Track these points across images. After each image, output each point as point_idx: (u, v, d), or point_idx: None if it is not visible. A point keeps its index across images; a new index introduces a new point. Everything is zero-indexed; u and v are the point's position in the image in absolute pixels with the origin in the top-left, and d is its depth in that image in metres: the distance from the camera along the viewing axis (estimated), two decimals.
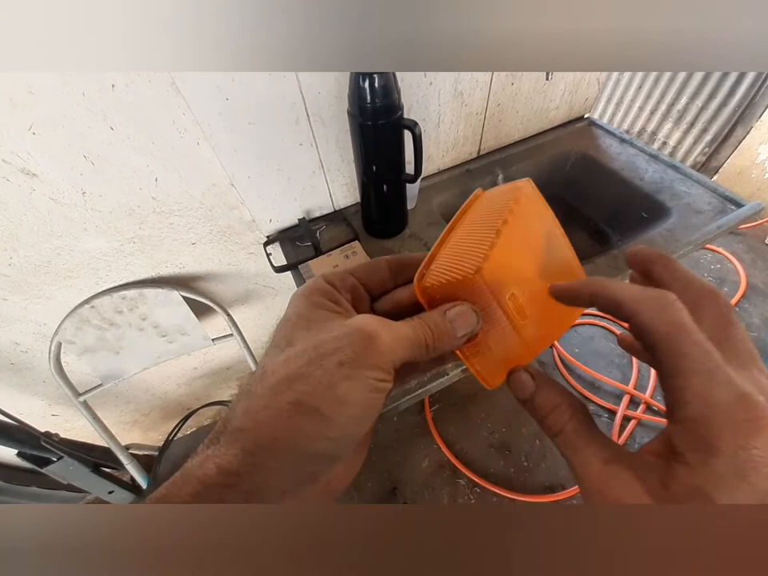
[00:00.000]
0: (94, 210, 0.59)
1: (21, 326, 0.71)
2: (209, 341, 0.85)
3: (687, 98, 1.50)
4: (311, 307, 0.18)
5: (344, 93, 0.55)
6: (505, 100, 0.79)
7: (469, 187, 0.84)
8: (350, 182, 0.75)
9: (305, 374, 0.15)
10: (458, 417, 1.25)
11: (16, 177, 0.51)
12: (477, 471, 1.13)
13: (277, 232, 0.76)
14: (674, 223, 0.69)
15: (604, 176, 0.85)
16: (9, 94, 0.45)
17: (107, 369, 0.80)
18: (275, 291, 0.93)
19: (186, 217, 0.67)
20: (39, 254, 0.61)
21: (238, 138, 0.58)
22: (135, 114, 0.51)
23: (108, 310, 0.73)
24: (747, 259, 1.52)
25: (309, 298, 0.19)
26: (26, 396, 0.85)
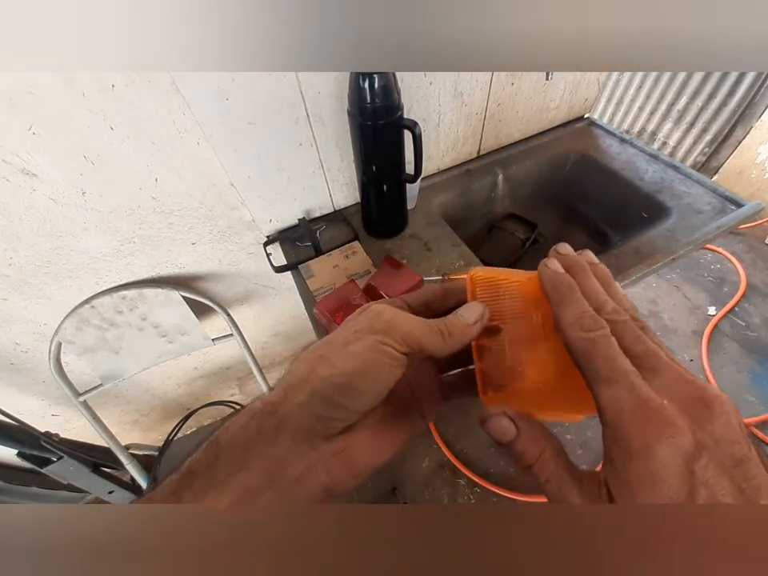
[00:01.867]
0: (94, 210, 0.59)
1: (21, 326, 0.71)
2: (209, 341, 0.85)
3: (687, 97, 1.50)
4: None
5: (344, 93, 0.55)
6: (505, 100, 0.79)
7: (469, 187, 0.84)
8: (350, 182, 0.75)
9: (330, 339, 0.20)
10: (458, 417, 1.25)
11: (16, 177, 0.51)
12: (477, 471, 1.13)
13: (277, 232, 0.76)
14: (673, 223, 0.69)
15: (604, 176, 0.85)
16: (9, 94, 0.45)
17: (107, 369, 0.80)
18: (275, 291, 0.93)
19: (186, 217, 0.67)
20: (39, 254, 0.61)
21: (238, 138, 0.58)
22: (135, 114, 0.51)
23: (108, 310, 0.73)
24: (747, 259, 1.52)
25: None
26: (26, 396, 0.85)
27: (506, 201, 0.91)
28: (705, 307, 1.42)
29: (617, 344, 0.16)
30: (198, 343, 0.84)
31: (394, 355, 0.18)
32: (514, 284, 0.21)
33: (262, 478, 0.17)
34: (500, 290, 0.22)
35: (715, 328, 1.35)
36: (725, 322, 1.37)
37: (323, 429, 0.18)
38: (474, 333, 0.20)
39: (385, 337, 0.18)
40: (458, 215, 0.82)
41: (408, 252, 0.69)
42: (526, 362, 0.21)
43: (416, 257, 0.68)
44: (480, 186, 0.86)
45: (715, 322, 1.36)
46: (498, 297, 0.21)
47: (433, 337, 0.19)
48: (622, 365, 0.16)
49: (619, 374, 0.16)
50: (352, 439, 0.19)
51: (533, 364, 0.20)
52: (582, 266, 0.20)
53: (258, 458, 0.17)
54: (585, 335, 0.17)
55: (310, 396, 0.17)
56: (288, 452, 0.17)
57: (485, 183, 0.86)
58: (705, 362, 1.27)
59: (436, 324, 0.20)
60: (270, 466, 0.17)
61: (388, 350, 0.18)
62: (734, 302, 1.40)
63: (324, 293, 0.62)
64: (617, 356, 0.16)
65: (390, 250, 0.70)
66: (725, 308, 1.38)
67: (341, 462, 0.18)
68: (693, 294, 1.46)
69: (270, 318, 1.00)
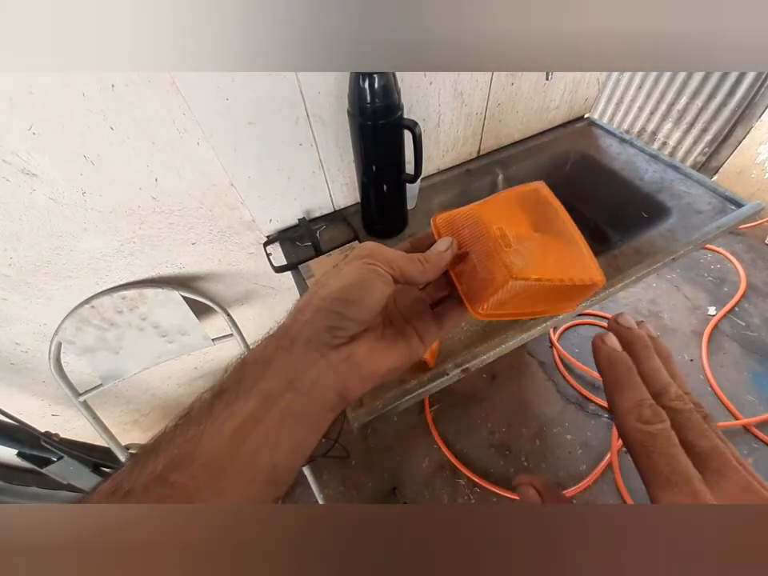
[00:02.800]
0: (94, 209, 0.59)
1: (21, 326, 0.71)
2: (209, 341, 0.84)
3: (687, 97, 1.50)
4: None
5: (344, 93, 0.55)
6: (505, 100, 0.79)
7: (469, 187, 0.84)
8: (350, 182, 0.75)
9: (328, 271, 0.23)
10: (458, 417, 1.25)
11: (16, 177, 0.51)
12: (477, 471, 1.13)
13: (277, 232, 0.76)
14: (673, 223, 0.69)
15: (604, 176, 0.85)
16: (9, 94, 0.45)
17: (107, 369, 0.80)
18: (275, 291, 0.93)
19: (186, 217, 0.67)
20: (39, 254, 0.61)
21: (238, 137, 0.58)
22: (135, 114, 0.51)
23: (108, 310, 0.73)
24: (747, 259, 1.52)
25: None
26: (26, 396, 0.85)
27: None
28: (705, 307, 1.42)
29: (677, 440, 0.15)
30: (198, 343, 0.84)
31: (380, 272, 0.21)
32: (469, 212, 0.25)
33: (282, 383, 0.19)
34: (458, 222, 0.26)
35: (715, 328, 1.35)
36: (725, 322, 1.37)
37: (330, 338, 0.20)
38: (447, 257, 0.24)
39: (370, 259, 0.22)
40: None
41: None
42: (494, 268, 0.22)
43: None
44: (480, 186, 0.86)
45: (715, 322, 1.36)
46: (459, 228, 0.25)
47: (412, 264, 0.23)
48: (685, 467, 0.15)
49: (681, 478, 0.14)
50: (355, 348, 0.21)
51: (500, 268, 0.22)
52: (645, 343, 0.19)
53: (277, 368, 0.19)
54: (643, 427, 0.16)
55: (314, 312, 0.20)
56: (302, 360, 0.20)
57: (485, 183, 0.86)
58: (705, 362, 1.27)
59: (414, 255, 0.23)
60: (288, 372, 0.19)
61: (374, 268, 0.21)
62: (734, 302, 1.40)
63: None
64: (679, 455, 0.15)
65: None
66: (725, 308, 1.38)
67: (348, 367, 0.21)
68: (693, 293, 1.46)
69: (269, 318, 1.00)
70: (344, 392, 0.21)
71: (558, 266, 0.23)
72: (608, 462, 1.10)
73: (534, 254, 0.23)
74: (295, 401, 0.19)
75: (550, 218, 0.25)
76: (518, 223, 0.24)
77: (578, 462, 1.13)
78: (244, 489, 0.17)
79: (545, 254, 0.23)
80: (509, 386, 1.31)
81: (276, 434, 0.18)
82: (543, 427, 1.20)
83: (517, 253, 0.22)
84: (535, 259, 0.22)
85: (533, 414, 1.24)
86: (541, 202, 0.26)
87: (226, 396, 0.19)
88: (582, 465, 1.12)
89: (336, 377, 0.20)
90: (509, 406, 1.26)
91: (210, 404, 0.18)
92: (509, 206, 0.25)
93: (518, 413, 1.24)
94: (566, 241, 0.24)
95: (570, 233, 0.25)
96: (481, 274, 0.23)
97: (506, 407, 1.26)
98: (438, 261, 0.23)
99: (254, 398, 0.18)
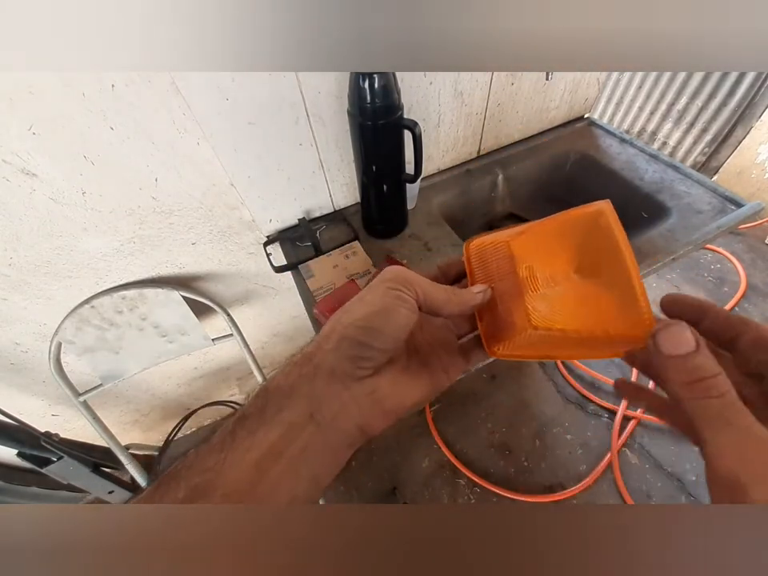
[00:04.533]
0: (93, 209, 0.59)
1: (21, 326, 0.71)
2: (209, 341, 0.84)
3: (687, 97, 1.50)
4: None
5: (344, 93, 0.55)
6: (505, 100, 0.79)
7: (469, 187, 0.84)
8: (350, 182, 0.75)
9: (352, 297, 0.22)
10: (458, 417, 1.25)
11: (16, 177, 0.51)
12: (477, 471, 1.13)
13: (277, 232, 0.76)
14: (673, 223, 0.69)
15: (604, 176, 0.85)
16: (9, 93, 0.45)
17: (107, 369, 0.80)
18: (275, 291, 0.93)
19: (185, 217, 0.67)
20: (39, 254, 0.61)
21: (238, 137, 0.58)
22: (135, 114, 0.51)
23: (108, 310, 0.73)
24: (747, 259, 1.52)
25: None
26: (26, 396, 0.85)
27: (506, 201, 0.91)
28: None
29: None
30: (198, 343, 0.84)
31: (405, 297, 0.20)
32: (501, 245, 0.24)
33: (304, 414, 0.19)
34: (488, 254, 0.25)
35: None
36: None
37: (353, 369, 0.20)
38: (477, 300, 0.23)
39: (394, 283, 0.21)
40: (458, 215, 0.82)
41: (408, 252, 0.69)
42: (515, 312, 0.22)
43: (416, 257, 0.68)
44: (480, 186, 0.86)
45: None
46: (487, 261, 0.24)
47: (438, 291, 0.22)
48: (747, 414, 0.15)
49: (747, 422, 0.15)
50: (379, 382, 0.21)
51: (521, 313, 0.21)
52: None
53: (300, 398, 0.19)
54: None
55: (338, 341, 0.20)
56: (325, 391, 0.19)
57: (485, 183, 0.86)
58: None
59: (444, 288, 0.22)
60: (311, 403, 0.19)
61: (398, 294, 0.20)
62: (734, 302, 1.40)
63: (324, 293, 0.62)
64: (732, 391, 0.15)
65: (390, 250, 0.70)
66: (725, 308, 1.38)
67: (371, 402, 0.20)
68: (693, 293, 1.46)
69: (269, 317, 1.00)
70: (365, 427, 0.20)
71: (594, 313, 0.20)
72: (608, 462, 1.10)
73: (565, 300, 0.21)
74: (316, 433, 0.19)
75: (602, 252, 0.22)
76: (556, 262, 0.22)
77: (577, 461, 1.13)
78: None
79: (581, 299, 0.21)
80: (509, 385, 1.31)
81: (296, 467, 0.18)
82: (543, 427, 1.20)
83: (544, 298, 0.21)
84: (566, 306, 0.21)
85: (533, 414, 1.24)
86: (599, 228, 0.22)
87: (248, 423, 0.19)
88: (582, 465, 1.12)
89: (358, 411, 0.20)
90: (509, 406, 1.26)
91: (232, 431, 0.18)
92: (553, 238, 0.23)
93: (517, 413, 1.24)
94: (612, 283, 0.21)
95: (622, 271, 0.21)
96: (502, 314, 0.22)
97: (505, 407, 1.26)
98: (467, 298, 0.23)
99: (277, 429, 0.18)
